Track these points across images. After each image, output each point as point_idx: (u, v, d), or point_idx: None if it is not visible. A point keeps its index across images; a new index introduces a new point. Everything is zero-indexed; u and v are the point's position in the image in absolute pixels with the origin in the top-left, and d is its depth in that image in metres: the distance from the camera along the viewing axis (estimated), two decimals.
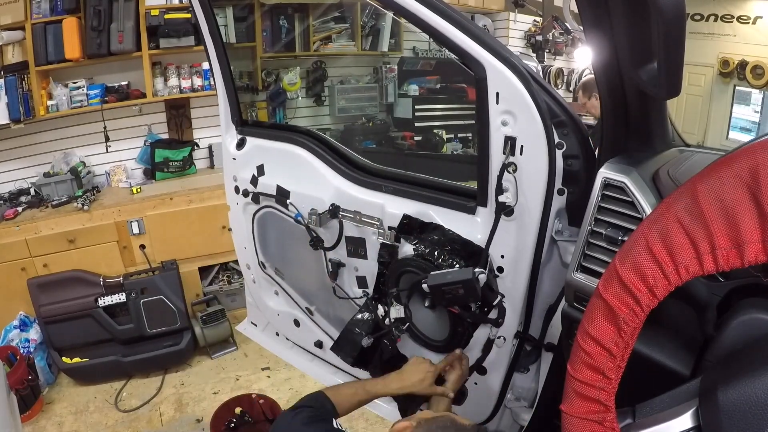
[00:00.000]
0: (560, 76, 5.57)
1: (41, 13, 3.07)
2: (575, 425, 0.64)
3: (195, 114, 3.76)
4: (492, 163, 1.15)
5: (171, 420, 2.68)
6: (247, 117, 3.33)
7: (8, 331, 2.88)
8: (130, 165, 3.64)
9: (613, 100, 1.02)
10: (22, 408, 2.58)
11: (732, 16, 5.45)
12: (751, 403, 0.51)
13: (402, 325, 1.41)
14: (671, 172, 1.01)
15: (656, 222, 0.61)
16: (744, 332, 0.69)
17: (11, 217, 3.00)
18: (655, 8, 0.71)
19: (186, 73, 3.55)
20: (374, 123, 4.56)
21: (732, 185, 0.55)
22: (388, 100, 4.66)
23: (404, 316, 1.40)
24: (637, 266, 0.61)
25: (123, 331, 2.93)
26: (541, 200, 1.13)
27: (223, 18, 3.55)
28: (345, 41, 4.27)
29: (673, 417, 0.59)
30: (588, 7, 0.89)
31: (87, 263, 3.03)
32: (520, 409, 1.43)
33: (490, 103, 1.10)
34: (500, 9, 5.25)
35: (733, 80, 5.63)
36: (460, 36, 1.07)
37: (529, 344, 1.34)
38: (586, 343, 0.64)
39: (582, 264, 1.03)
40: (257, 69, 3.85)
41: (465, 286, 1.18)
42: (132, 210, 3.19)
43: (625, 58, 0.91)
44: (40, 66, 3.09)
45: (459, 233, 1.27)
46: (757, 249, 0.54)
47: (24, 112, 3.05)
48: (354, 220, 1.43)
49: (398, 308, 1.39)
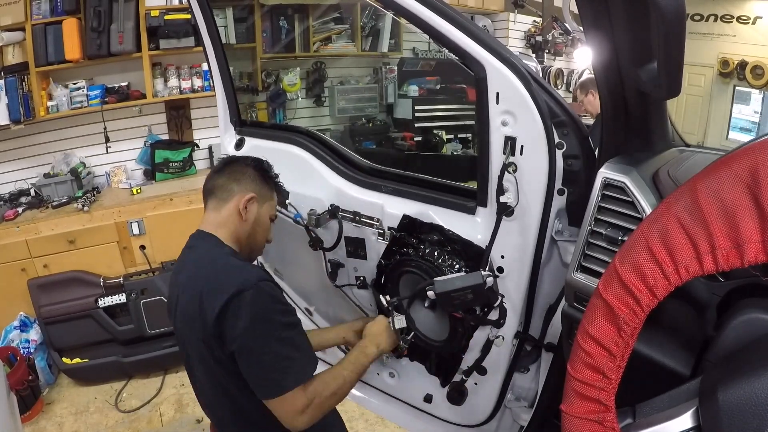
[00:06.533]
0: (560, 77, 5.58)
1: (41, 13, 3.07)
2: (575, 425, 0.64)
3: (195, 115, 3.76)
4: (492, 163, 1.15)
5: (171, 420, 2.68)
6: (246, 118, 3.33)
7: (8, 332, 2.89)
8: (130, 166, 3.64)
9: (613, 100, 1.01)
10: (23, 408, 2.58)
11: (732, 17, 5.45)
12: (751, 403, 0.51)
13: (407, 335, 1.41)
14: (671, 172, 1.01)
15: (656, 222, 0.61)
16: (744, 332, 0.69)
17: (11, 218, 3.00)
18: (655, 8, 0.71)
19: (186, 73, 3.55)
20: (374, 124, 4.56)
21: (732, 185, 0.55)
22: (388, 101, 4.66)
23: (407, 326, 1.40)
24: (637, 266, 0.61)
25: (123, 331, 2.93)
26: (541, 200, 1.13)
27: (222, 19, 3.56)
28: (345, 42, 4.27)
29: (673, 417, 0.59)
30: (588, 7, 0.88)
31: (87, 264, 3.03)
32: (520, 409, 1.43)
33: (490, 103, 1.10)
34: (500, 9, 5.26)
35: (732, 80, 5.64)
36: (460, 36, 1.07)
37: (529, 344, 1.34)
38: (586, 343, 0.64)
39: (582, 264, 1.03)
40: (257, 70, 3.85)
41: (474, 291, 1.18)
42: (132, 211, 3.19)
43: (625, 58, 0.91)
44: (40, 67, 3.10)
45: (459, 233, 1.27)
46: (757, 249, 0.54)
47: (24, 113, 3.05)
48: (353, 220, 1.43)
49: (400, 318, 1.38)
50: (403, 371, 1.61)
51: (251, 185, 1.33)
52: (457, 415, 1.52)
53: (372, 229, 1.40)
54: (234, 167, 1.35)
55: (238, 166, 1.36)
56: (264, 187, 1.36)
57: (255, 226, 1.33)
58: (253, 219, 1.32)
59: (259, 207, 1.33)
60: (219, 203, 1.32)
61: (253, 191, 1.32)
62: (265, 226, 1.38)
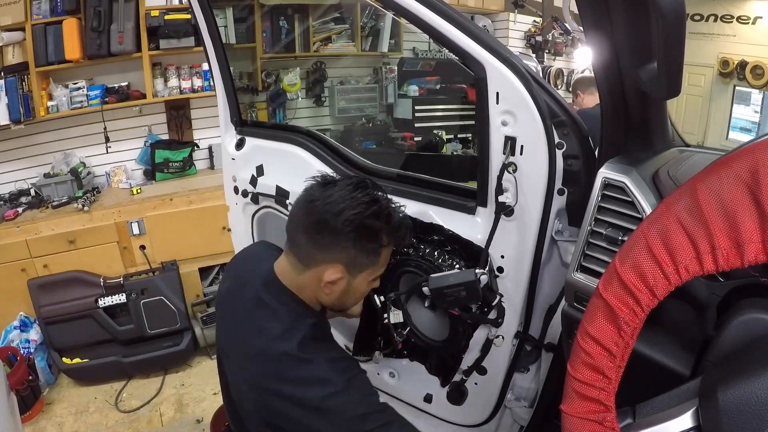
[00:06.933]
0: (560, 77, 5.57)
1: (41, 13, 3.07)
2: (575, 425, 0.64)
3: (195, 115, 3.76)
4: (492, 163, 1.15)
5: (171, 420, 2.68)
6: (246, 117, 3.33)
7: (8, 332, 2.89)
8: (130, 166, 3.64)
9: (613, 100, 1.01)
10: (23, 408, 2.58)
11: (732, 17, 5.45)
12: (751, 403, 0.51)
13: (402, 330, 1.41)
14: (671, 172, 1.01)
15: (656, 222, 0.61)
16: (744, 332, 0.69)
17: (11, 218, 3.00)
18: (655, 8, 0.71)
19: (186, 73, 3.55)
20: (374, 124, 4.56)
21: (732, 185, 0.55)
22: (388, 101, 4.66)
23: (403, 320, 1.40)
24: (637, 266, 0.61)
25: (123, 331, 2.93)
26: (541, 200, 1.13)
27: (223, 19, 3.56)
28: (345, 42, 4.27)
29: (673, 417, 0.59)
30: (588, 7, 0.89)
31: (87, 264, 3.03)
32: (520, 409, 1.43)
33: (490, 103, 1.10)
34: (500, 9, 5.25)
35: (732, 80, 5.63)
36: (460, 36, 1.07)
37: (529, 344, 1.34)
38: (586, 343, 0.64)
39: (582, 264, 1.03)
40: (257, 70, 3.85)
41: (467, 288, 1.18)
42: (132, 211, 3.19)
43: (625, 58, 0.91)
44: (40, 67, 3.09)
45: (459, 233, 1.27)
46: (757, 249, 0.54)
47: (24, 113, 3.05)
48: None
49: (397, 313, 1.38)
50: (403, 371, 1.61)
51: (341, 256, 1.00)
52: (457, 415, 1.52)
53: None
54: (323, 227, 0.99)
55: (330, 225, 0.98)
56: (363, 256, 1.02)
57: (344, 297, 1.07)
58: (340, 293, 1.05)
59: (350, 280, 1.04)
60: (298, 264, 1.05)
61: (342, 265, 1.01)
62: (360, 295, 1.11)
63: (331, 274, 1.00)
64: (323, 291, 1.04)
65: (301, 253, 1.03)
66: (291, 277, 1.06)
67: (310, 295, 1.06)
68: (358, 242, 1.00)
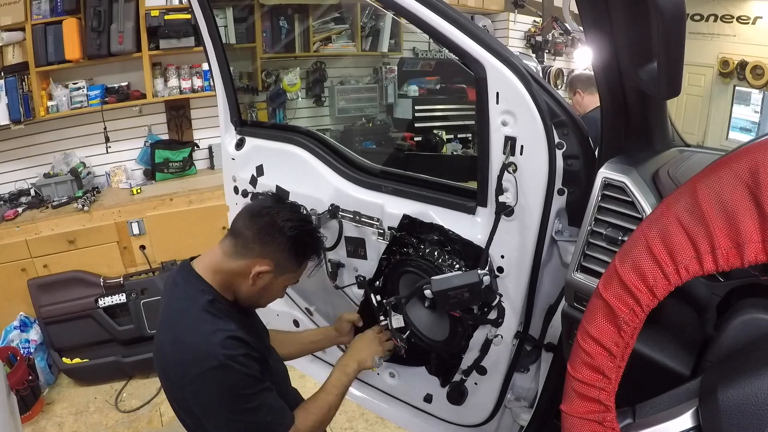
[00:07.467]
0: (560, 77, 5.57)
1: (41, 13, 3.07)
2: (575, 425, 0.64)
3: (195, 115, 3.76)
4: (492, 163, 1.15)
5: (171, 420, 2.67)
6: (246, 118, 3.33)
7: (8, 332, 2.89)
8: (130, 166, 3.64)
9: (613, 100, 1.01)
10: (23, 408, 2.58)
11: (732, 17, 5.45)
12: (751, 403, 0.51)
13: (402, 335, 1.41)
14: (671, 172, 1.01)
15: (656, 222, 0.61)
16: (744, 332, 0.69)
17: (11, 218, 3.00)
18: (655, 8, 0.71)
19: (186, 73, 3.55)
20: (374, 124, 4.56)
21: (732, 185, 0.55)
22: (388, 101, 4.67)
23: (404, 325, 1.40)
24: (637, 266, 0.61)
25: (123, 331, 2.93)
26: (541, 200, 1.13)
27: (223, 19, 3.56)
28: (345, 42, 4.27)
29: (673, 417, 0.59)
30: (588, 7, 0.89)
31: (87, 264, 3.03)
32: (520, 409, 1.43)
33: (490, 103, 1.10)
34: (500, 9, 5.25)
35: (732, 80, 5.64)
36: (460, 36, 1.07)
37: (529, 344, 1.34)
38: (586, 343, 0.64)
39: (582, 264, 1.03)
40: (257, 70, 3.85)
41: (471, 290, 1.18)
42: (132, 211, 3.19)
43: (625, 58, 0.91)
44: (40, 67, 3.10)
45: (459, 233, 1.27)
46: (756, 249, 0.54)
47: (24, 113, 3.05)
48: (354, 220, 1.43)
49: (398, 317, 1.38)
50: (403, 371, 1.61)
51: (276, 254, 1.16)
52: (457, 415, 1.52)
53: (372, 229, 1.40)
54: (270, 227, 1.16)
55: (276, 226, 1.16)
56: (291, 261, 1.19)
57: (262, 292, 1.20)
58: (261, 287, 1.18)
59: (273, 278, 1.18)
60: (235, 252, 1.16)
61: (273, 262, 1.15)
62: (273, 295, 1.24)
63: (262, 266, 1.15)
64: (248, 281, 1.16)
65: (241, 243, 1.16)
66: (214, 262, 1.17)
67: (226, 282, 1.17)
68: (291, 249, 1.17)
